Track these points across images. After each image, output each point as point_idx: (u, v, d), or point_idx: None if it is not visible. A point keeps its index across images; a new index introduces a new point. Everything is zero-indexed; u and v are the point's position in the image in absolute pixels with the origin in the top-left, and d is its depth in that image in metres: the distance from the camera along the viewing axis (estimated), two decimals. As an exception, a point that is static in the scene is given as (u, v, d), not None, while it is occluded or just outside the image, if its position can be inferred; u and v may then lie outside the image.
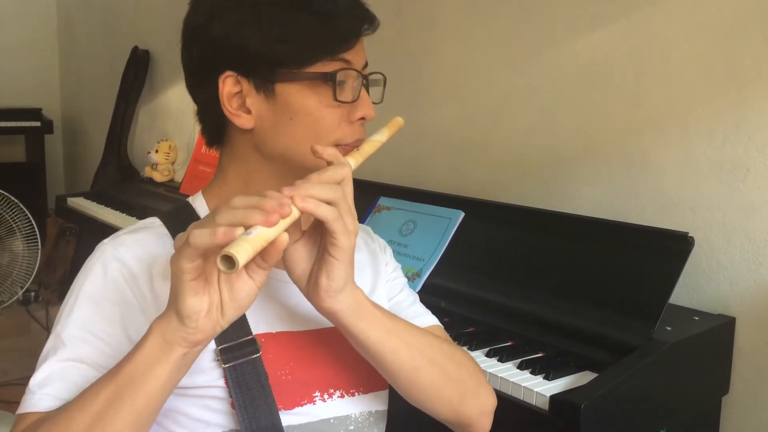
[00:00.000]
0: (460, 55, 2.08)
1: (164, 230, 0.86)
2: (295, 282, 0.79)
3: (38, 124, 4.48)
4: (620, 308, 1.35)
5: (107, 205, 3.20)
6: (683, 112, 1.54)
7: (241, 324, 0.80)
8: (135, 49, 3.84)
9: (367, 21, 0.82)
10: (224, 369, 0.78)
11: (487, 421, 0.91)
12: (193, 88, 0.86)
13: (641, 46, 1.61)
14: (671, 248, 1.36)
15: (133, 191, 3.43)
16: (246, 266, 0.68)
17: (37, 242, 3.71)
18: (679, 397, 1.35)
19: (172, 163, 3.54)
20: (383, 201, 1.90)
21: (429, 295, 1.59)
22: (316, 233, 0.77)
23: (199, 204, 0.89)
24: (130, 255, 0.81)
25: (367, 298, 0.80)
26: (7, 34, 4.76)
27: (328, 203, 0.72)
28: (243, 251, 0.62)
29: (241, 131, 0.83)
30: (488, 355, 1.35)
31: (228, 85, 0.81)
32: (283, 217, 0.66)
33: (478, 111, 2.03)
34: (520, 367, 1.29)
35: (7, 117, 4.39)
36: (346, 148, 0.83)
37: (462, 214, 1.71)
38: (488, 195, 1.83)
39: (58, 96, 5.05)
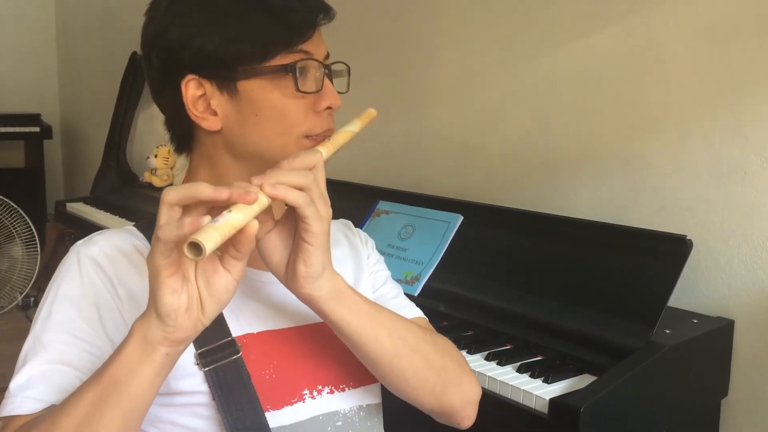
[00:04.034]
0: (458, 59, 2.09)
1: (138, 233, 0.87)
2: (273, 272, 0.78)
3: (37, 129, 4.49)
4: (619, 311, 1.35)
5: (106, 210, 3.20)
6: (680, 114, 1.54)
7: (219, 326, 0.80)
8: (134, 54, 3.84)
9: (321, 11, 0.82)
10: (204, 372, 0.78)
11: (472, 411, 0.91)
12: (157, 97, 0.86)
13: (638, 50, 1.62)
14: (670, 251, 1.36)
15: (132, 196, 3.44)
16: (221, 259, 0.68)
17: (37, 248, 3.72)
18: (678, 400, 1.35)
19: (171, 168, 3.54)
20: (382, 205, 1.91)
21: (428, 299, 1.60)
22: (290, 222, 0.77)
23: None
24: (101, 253, 0.82)
25: (348, 285, 0.80)
26: (5, 39, 4.77)
27: (300, 189, 0.71)
28: (209, 237, 0.61)
29: (209, 133, 0.83)
30: (487, 358, 1.35)
31: (191, 88, 0.81)
32: (248, 203, 0.66)
33: (477, 114, 2.04)
34: (519, 370, 1.29)
35: (6, 123, 4.40)
36: (317, 139, 0.83)
37: (461, 218, 1.71)
38: (487, 198, 1.84)
39: (57, 101, 5.06)
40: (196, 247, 0.61)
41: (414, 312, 0.99)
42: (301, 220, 0.73)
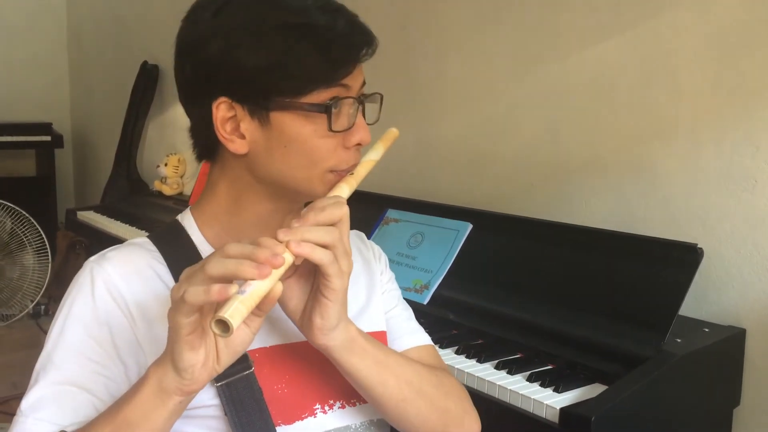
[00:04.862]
0: (466, 68, 2.09)
1: (152, 247, 0.86)
2: (289, 316, 0.79)
3: (48, 138, 4.52)
4: (630, 320, 1.35)
5: (117, 219, 3.22)
6: (690, 123, 1.54)
7: None
8: (144, 63, 3.87)
9: (365, 45, 0.80)
10: (217, 387, 0.79)
11: None
12: (186, 105, 0.86)
13: (648, 58, 1.62)
14: (680, 259, 1.36)
15: (142, 204, 3.45)
16: None
17: (48, 256, 3.73)
18: (690, 409, 1.34)
19: (181, 177, 3.56)
20: (391, 213, 1.91)
21: (437, 307, 1.60)
22: (309, 270, 0.77)
23: (188, 222, 0.89)
24: (115, 272, 0.81)
25: (359, 332, 0.81)
26: (17, 49, 4.80)
27: (324, 246, 0.72)
28: (237, 314, 0.63)
29: (234, 154, 0.82)
30: (497, 367, 1.35)
31: (222, 110, 0.79)
32: (276, 267, 0.67)
33: (485, 123, 2.04)
34: (530, 379, 1.29)
35: (17, 132, 4.42)
36: (341, 174, 0.82)
37: (470, 226, 1.71)
38: (496, 207, 1.84)
39: (68, 111, 5.09)
40: (224, 323, 0.63)
41: (423, 339, 0.99)
42: (322, 276, 0.74)
